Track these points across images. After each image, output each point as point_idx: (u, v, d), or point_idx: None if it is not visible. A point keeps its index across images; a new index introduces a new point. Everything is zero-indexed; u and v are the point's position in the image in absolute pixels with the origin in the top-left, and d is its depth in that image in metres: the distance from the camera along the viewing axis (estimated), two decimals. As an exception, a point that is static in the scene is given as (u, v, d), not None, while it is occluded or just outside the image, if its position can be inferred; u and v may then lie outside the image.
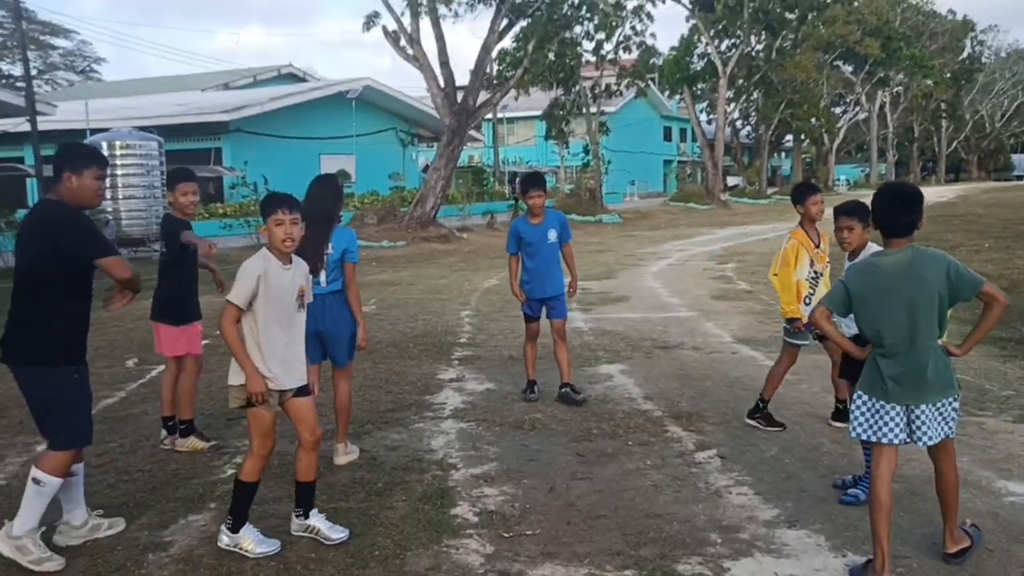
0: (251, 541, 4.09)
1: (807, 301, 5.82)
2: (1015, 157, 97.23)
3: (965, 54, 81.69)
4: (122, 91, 44.49)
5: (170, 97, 38.03)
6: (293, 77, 47.01)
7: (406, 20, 25.91)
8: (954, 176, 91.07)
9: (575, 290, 7.08)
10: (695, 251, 21.65)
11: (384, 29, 26.27)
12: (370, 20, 26.53)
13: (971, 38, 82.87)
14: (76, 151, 4.23)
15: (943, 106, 78.97)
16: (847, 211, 4.96)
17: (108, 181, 4.64)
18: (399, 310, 12.02)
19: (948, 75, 74.65)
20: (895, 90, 71.41)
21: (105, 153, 13.91)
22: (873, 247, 4.85)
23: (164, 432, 5.85)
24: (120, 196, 20.54)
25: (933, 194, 51.48)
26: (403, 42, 26.10)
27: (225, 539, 4.13)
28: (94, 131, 24.44)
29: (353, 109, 34.67)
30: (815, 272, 5.93)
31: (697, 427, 6.06)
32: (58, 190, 4.09)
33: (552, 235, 6.82)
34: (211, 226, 22.54)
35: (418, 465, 5.40)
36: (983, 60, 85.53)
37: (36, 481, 4.01)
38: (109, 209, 19.67)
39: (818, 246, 5.96)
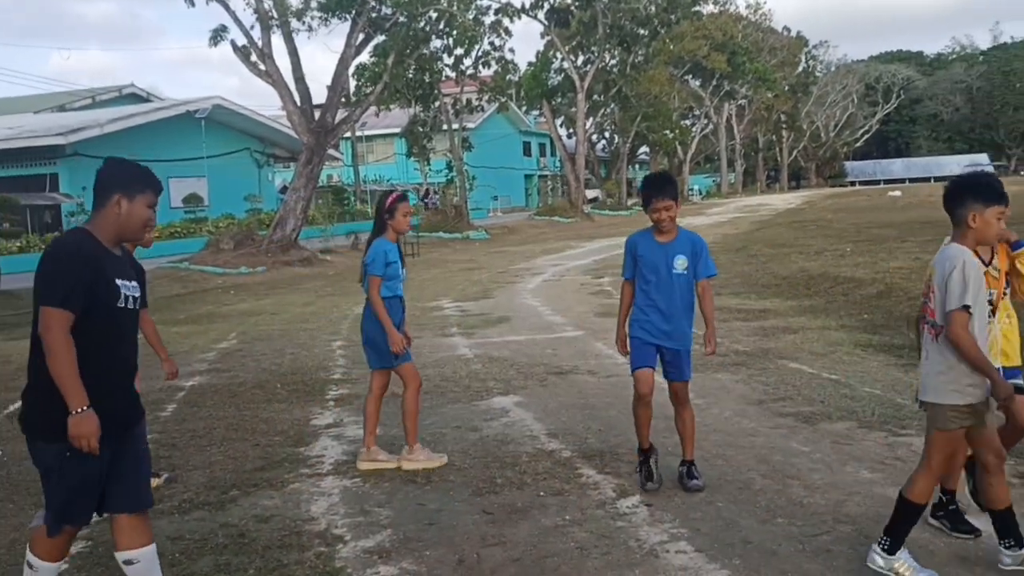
0: (907, 568, 3.66)
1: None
2: (848, 164, 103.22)
3: (800, 68, 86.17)
4: (-59, 115, 40.78)
5: (-2, 120, 35.07)
6: (136, 97, 44.33)
7: (256, 34, 24.67)
8: (796, 183, 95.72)
9: (713, 346, 5.04)
10: (568, 265, 21.32)
11: (233, 44, 24.92)
12: (217, 35, 25.11)
13: (805, 53, 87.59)
14: (129, 170, 3.39)
15: (783, 117, 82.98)
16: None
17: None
18: (263, 344, 10.98)
19: (787, 88, 78.43)
20: (740, 103, 74.37)
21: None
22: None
23: None
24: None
25: (782, 201, 53.72)
26: (254, 57, 24.80)
27: (879, 561, 3.71)
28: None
29: (203, 129, 32.90)
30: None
31: (612, 468, 5.43)
32: (96, 218, 3.32)
33: (681, 263, 4.90)
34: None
35: (297, 540, 4.53)
36: (817, 74, 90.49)
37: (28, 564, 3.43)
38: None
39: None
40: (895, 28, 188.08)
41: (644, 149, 64.59)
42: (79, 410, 3.10)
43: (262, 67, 24.84)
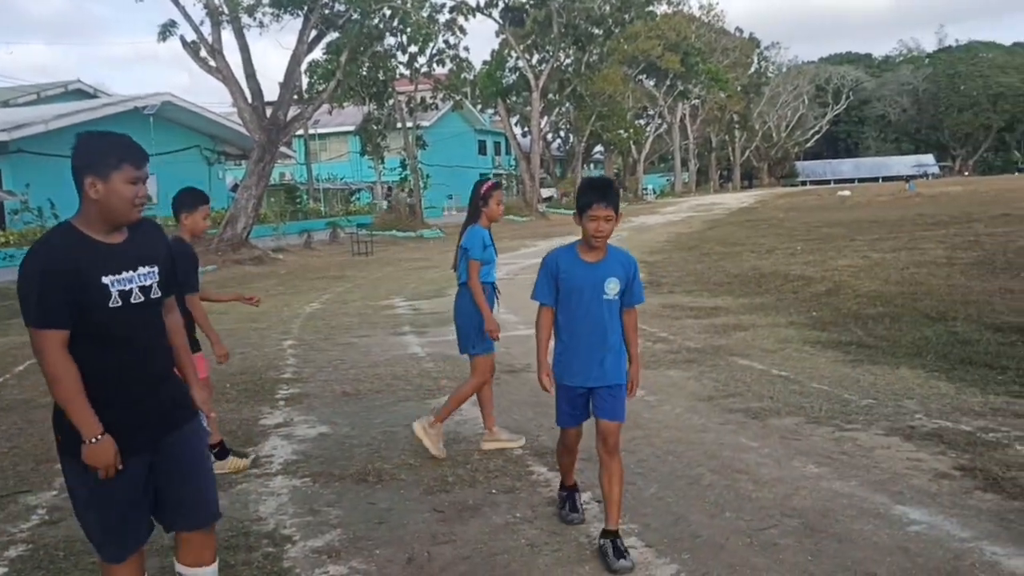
0: None
1: None
2: (799, 164, 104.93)
3: (753, 69, 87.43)
4: None
5: (-64, 116, 34.07)
6: (82, 93, 43.33)
7: (206, 30, 24.30)
8: (748, 183, 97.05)
9: (636, 385, 4.19)
10: (523, 264, 21.32)
11: (182, 40, 24.56)
12: (166, 30, 24.74)
13: (757, 54, 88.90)
14: (98, 146, 2.89)
15: (736, 118, 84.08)
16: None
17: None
18: (212, 344, 10.81)
19: (739, 88, 79.46)
20: (694, 103, 75.17)
21: None
22: None
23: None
24: None
25: (734, 200, 54.40)
26: (204, 53, 24.43)
27: None
28: None
29: (151, 126, 32.27)
30: None
31: (564, 465, 5.43)
32: (80, 207, 2.92)
33: (612, 288, 4.10)
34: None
35: (244, 541, 4.46)
36: (768, 75, 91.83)
37: None
38: None
39: None
40: (844, 30, 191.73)
41: (599, 148, 64.97)
42: (93, 440, 2.78)
43: (212, 63, 24.51)
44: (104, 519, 2.92)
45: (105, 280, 2.82)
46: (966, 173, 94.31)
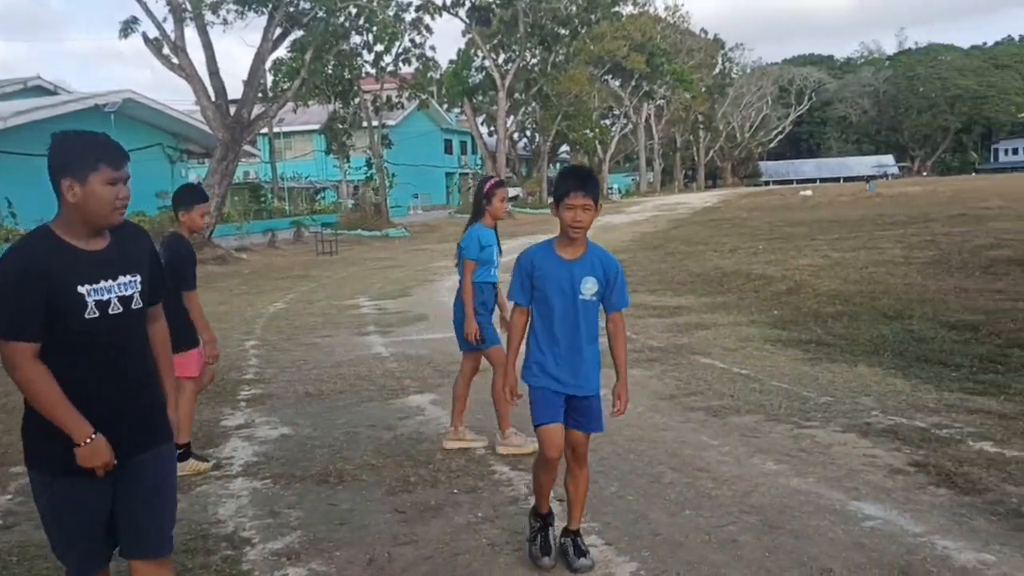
0: None
1: None
2: (763, 164, 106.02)
3: (717, 70, 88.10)
4: None
5: None
6: (42, 90, 42.54)
7: (169, 27, 23.98)
8: (712, 182, 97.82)
9: (624, 401, 3.92)
10: (488, 264, 21.34)
11: (145, 36, 24.20)
12: (128, 26, 24.34)
13: (722, 55, 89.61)
14: (73, 146, 2.74)
15: (700, 118, 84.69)
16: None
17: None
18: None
19: (704, 89, 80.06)
20: (659, 103, 75.59)
21: None
22: None
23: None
24: None
25: (698, 200, 54.77)
26: (167, 50, 24.13)
27: None
28: None
29: (112, 124, 31.80)
30: None
31: (526, 464, 5.42)
32: (59, 210, 2.78)
33: (589, 288, 3.83)
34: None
35: (203, 544, 4.42)
36: (733, 75, 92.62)
37: None
38: None
39: None
40: (807, 32, 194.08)
41: (565, 148, 65.14)
42: (86, 441, 2.67)
43: (175, 60, 24.20)
44: (67, 532, 2.81)
45: (81, 289, 2.69)
46: (925, 174, 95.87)
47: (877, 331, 9.07)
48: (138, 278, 2.85)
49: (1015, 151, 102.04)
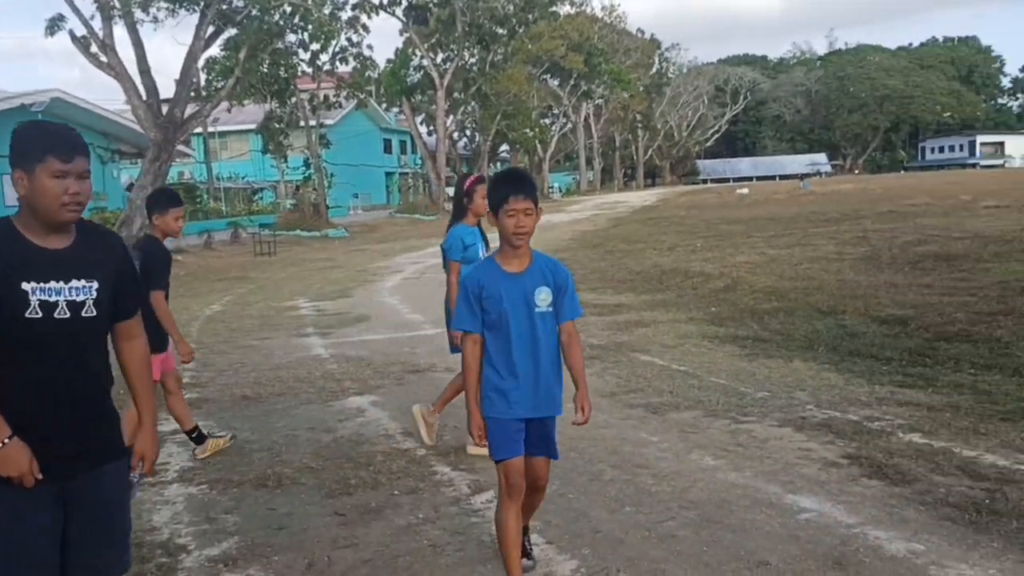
0: None
1: None
2: (700, 163, 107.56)
3: (654, 69, 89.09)
4: None
5: None
6: (-37, 88, 41.26)
7: (97, 24, 23.35)
8: (651, 181, 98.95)
9: (587, 412, 3.64)
10: (429, 263, 21.22)
11: (72, 34, 23.52)
12: (54, 24, 23.62)
13: (659, 55, 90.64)
14: (25, 136, 2.61)
15: (639, 117, 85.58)
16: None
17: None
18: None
19: (642, 89, 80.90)
20: (597, 102, 76.21)
21: None
22: None
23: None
24: None
25: (638, 198, 55.33)
26: (95, 49, 23.50)
27: None
28: None
29: (39, 123, 30.91)
30: None
31: (467, 464, 5.44)
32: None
33: (543, 298, 3.56)
34: None
35: (137, 552, 4.29)
36: (669, 75, 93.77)
37: None
38: None
39: None
40: (741, 32, 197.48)
41: (505, 147, 65.28)
42: (2, 443, 2.48)
43: (103, 59, 23.57)
44: (9, 549, 2.56)
45: (25, 286, 2.52)
46: (856, 172, 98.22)
47: (811, 326, 9.26)
48: (94, 285, 2.64)
49: (941, 149, 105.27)
